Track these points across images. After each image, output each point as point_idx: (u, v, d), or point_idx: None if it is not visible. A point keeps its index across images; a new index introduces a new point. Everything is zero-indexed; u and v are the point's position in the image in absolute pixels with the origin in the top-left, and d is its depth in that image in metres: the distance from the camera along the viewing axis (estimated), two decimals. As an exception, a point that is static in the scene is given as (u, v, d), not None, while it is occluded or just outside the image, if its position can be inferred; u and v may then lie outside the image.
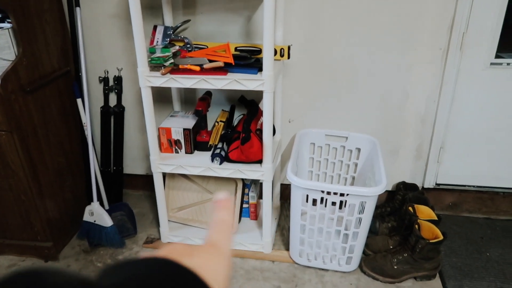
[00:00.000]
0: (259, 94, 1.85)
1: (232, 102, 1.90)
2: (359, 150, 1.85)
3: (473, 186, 1.90)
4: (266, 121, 1.49)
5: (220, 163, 1.62)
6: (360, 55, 1.72)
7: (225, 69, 1.48)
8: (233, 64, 1.48)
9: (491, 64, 1.66)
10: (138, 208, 2.10)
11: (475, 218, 1.95)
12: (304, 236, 1.61)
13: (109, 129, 2.00)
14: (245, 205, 1.90)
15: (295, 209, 1.56)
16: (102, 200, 1.92)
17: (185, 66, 1.50)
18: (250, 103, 1.80)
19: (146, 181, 2.16)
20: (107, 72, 1.93)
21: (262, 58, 1.57)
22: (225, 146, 1.69)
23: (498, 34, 1.62)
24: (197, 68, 1.48)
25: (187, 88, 1.56)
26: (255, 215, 1.91)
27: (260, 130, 1.63)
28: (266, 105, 1.46)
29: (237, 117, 1.86)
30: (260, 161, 1.60)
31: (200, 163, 1.65)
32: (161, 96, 1.95)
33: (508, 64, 1.66)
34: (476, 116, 1.76)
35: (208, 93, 1.79)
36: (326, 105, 1.84)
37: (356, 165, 1.88)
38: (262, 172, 1.59)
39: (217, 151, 1.65)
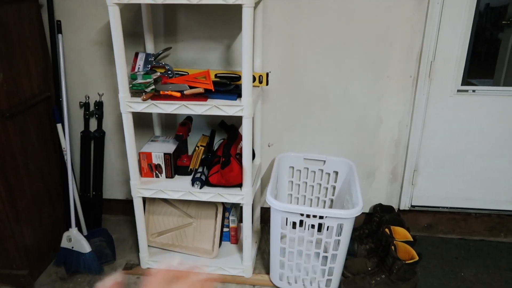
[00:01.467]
0: (239, 119, 1.89)
1: (213, 126, 1.94)
2: (336, 173, 1.90)
3: (447, 208, 1.96)
4: (246, 146, 1.53)
5: (201, 187, 1.64)
6: (334, 82, 1.79)
7: (205, 95, 1.52)
8: (213, 90, 1.53)
9: (458, 91, 1.75)
10: (118, 233, 2.08)
11: (449, 239, 2.01)
12: (284, 260, 1.62)
13: (89, 154, 2.00)
14: (225, 229, 1.91)
15: (274, 232, 1.58)
16: (80, 225, 1.90)
17: (166, 92, 1.54)
18: (230, 128, 1.84)
19: (125, 206, 2.15)
20: (88, 97, 1.94)
21: (241, 84, 1.62)
22: (205, 170, 1.71)
23: (463, 62, 1.72)
24: (178, 94, 1.52)
25: (168, 113, 1.59)
26: (236, 239, 1.92)
27: (240, 155, 1.66)
28: (245, 130, 1.50)
29: (217, 141, 1.90)
30: (240, 185, 1.63)
31: (180, 187, 1.66)
32: (142, 121, 1.97)
33: (473, 91, 1.76)
34: (446, 140, 1.84)
35: (189, 118, 1.83)
36: (304, 129, 1.89)
37: (334, 188, 1.93)
38: (242, 196, 1.61)
39: (198, 175, 1.67)
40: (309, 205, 1.99)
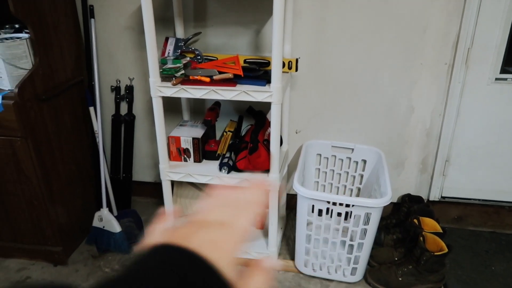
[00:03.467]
0: (267, 105, 1.89)
1: (241, 112, 1.94)
2: (365, 162, 1.87)
3: (478, 200, 1.91)
4: (274, 132, 1.52)
5: (228, 172, 1.66)
6: (364, 69, 1.75)
7: (235, 80, 1.52)
8: (242, 76, 1.52)
9: (496, 79, 1.68)
10: (146, 215, 2.13)
11: (480, 232, 1.95)
12: (310, 246, 1.62)
13: (119, 137, 2.05)
14: (251, 214, 1.93)
15: (300, 219, 1.58)
16: (111, 206, 1.96)
17: (196, 77, 1.54)
18: (258, 114, 1.83)
19: (154, 189, 2.19)
20: (119, 81, 1.98)
21: (270, 70, 1.61)
22: (233, 156, 1.72)
23: (504, 49, 1.65)
24: (207, 79, 1.52)
25: (197, 98, 1.60)
26: (262, 225, 1.94)
27: (268, 141, 1.66)
28: (273, 116, 1.49)
29: (245, 127, 1.90)
30: (267, 171, 1.63)
31: (208, 171, 1.68)
32: (171, 106, 1.99)
33: (513, 79, 1.68)
34: (481, 130, 1.78)
35: (217, 104, 1.83)
36: (332, 117, 1.87)
37: (361, 176, 1.90)
38: (269, 181, 1.61)
39: (225, 160, 1.68)
40: (336, 193, 1.98)
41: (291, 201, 2.08)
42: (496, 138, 1.78)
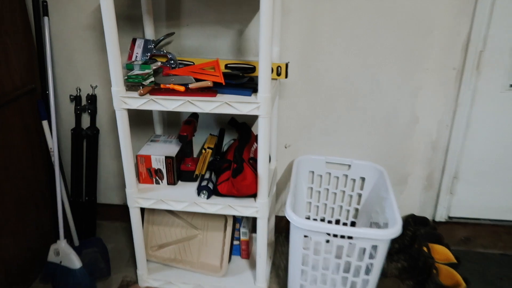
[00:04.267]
0: (252, 117, 1.65)
1: (222, 125, 1.69)
2: (363, 179, 1.65)
3: (489, 220, 1.71)
4: (262, 150, 1.28)
5: (208, 197, 1.40)
6: (362, 75, 1.54)
7: (214, 89, 1.28)
8: (224, 83, 1.28)
9: (511, 86, 1.49)
10: (114, 242, 1.86)
11: (490, 254, 1.76)
12: (305, 284, 1.39)
13: (81, 154, 1.77)
14: (235, 242, 1.68)
15: (294, 252, 1.35)
16: (71, 236, 1.68)
17: (168, 86, 1.29)
18: (242, 127, 1.59)
19: (122, 211, 1.92)
20: (80, 90, 1.70)
21: (256, 77, 1.38)
22: (213, 177, 1.47)
23: (518, 53, 1.46)
24: (182, 88, 1.27)
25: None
26: (247, 253, 1.69)
27: (254, 159, 1.42)
28: (261, 132, 1.25)
29: (227, 142, 1.65)
30: (254, 195, 1.39)
31: (184, 196, 1.42)
32: (140, 118, 1.73)
33: (529, 86, 1.50)
34: (493, 143, 1.58)
35: (194, 115, 1.58)
36: (326, 129, 1.64)
37: (360, 196, 1.68)
38: (256, 209, 1.37)
39: (204, 182, 1.43)
40: (331, 215, 1.75)
41: (279, 224, 1.84)
42: (510, 151, 1.59)
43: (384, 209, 1.43)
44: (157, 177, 1.49)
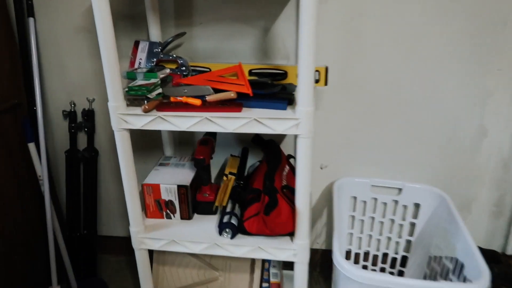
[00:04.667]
0: (280, 134, 1.37)
1: (244, 143, 1.41)
2: (417, 206, 1.36)
3: None
4: (301, 180, 0.99)
5: (232, 237, 1.12)
6: (416, 79, 1.25)
7: (239, 102, 1.00)
8: (251, 94, 1.00)
9: None
10: (117, 281, 1.58)
11: None
12: None
13: (77, 181, 1.49)
14: (264, 284, 1.39)
15: (345, 307, 1.05)
16: (67, 278, 1.40)
17: (180, 99, 1.01)
18: (268, 145, 1.31)
19: (128, 243, 1.64)
20: (74, 104, 1.43)
21: (289, 85, 1.10)
22: (237, 209, 1.19)
23: None
24: (198, 102, 0.99)
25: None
26: (277, 298, 1.40)
27: (289, 188, 1.13)
28: (301, 156, 0.97)
29: (251, 164, 1.37)
30: (290, 234, 1.10)
31: (202, 235, 1.14)
32: (146, 137, 1.45)
33: None
34: None
35: (212, 133, 1.30)
36: (372, 145, 1.35)
37: (413, 225, 1.38)
38: (293, 251, 1.08)
39: (227, 217, 1.15)
40: (376, 248, 1.45)
41: (313, 257, 1.54)
42: None
43: (451, 245, 1.13)
44: (168, 211, 1.21)
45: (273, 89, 1.04)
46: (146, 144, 1.47)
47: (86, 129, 1.45)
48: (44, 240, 1.43)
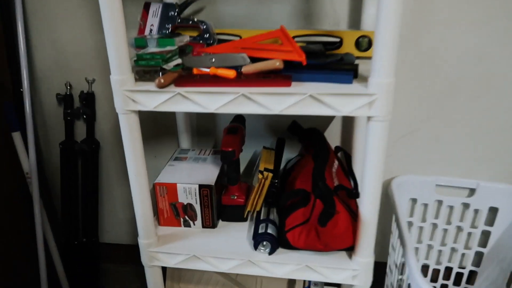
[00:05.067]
0: (322, 120, 1.11)
1: (278, 132, 1.15)
2: (494, 210, 1.09)
3: None
4: (372, 179, 0.74)
5: (271, 252, 0.86)
6: (502, 55, 0.98)
7: (287, 74, 0.74)
8: (304, 63, 0.74)
9: None
10: (124, 298, 1.34)
11: None
12: None
13: (75, 178, 1.25)
14: (302, 306, 1.14)
15: None
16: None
17: (206, 71, 0.76)
18: (311, 135, 1.05)
19: (136, 251, 1.39)
20: (70, 86, 1.18)
21: (347, 54, 0.84)
22: (275, 216, 0.94)
23: None
24: (231, 74, 0.74)
25: (210, 113, 0.81)
26: (319, 323, 1.14)
27: (344, 189, 0.87)
28: (373, 148, 0.71)
29: (287, 159, 1.12)
30: (349, 249, 0.85)
31: (231, 249, 0.89)
32: (158, 126, 1.20)
33: None
34: None
35: (240, 119, 1.04)
36: (438, 135, 1.09)
37: (487, 235, 1.12)
38: (353, 271, 0.83)
39: (262, 227, 0.89)
40: (436, 261, 1.19)
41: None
42: None
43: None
44: (186, 217, 0.96)
45: (332, 58, 0.78)
46: (156, 134, 1.21)
47: (84, 116, 1.20)
48: (35, 250, 1.19)
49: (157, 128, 1.20)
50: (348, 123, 1.10)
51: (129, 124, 0.77)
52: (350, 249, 0.85)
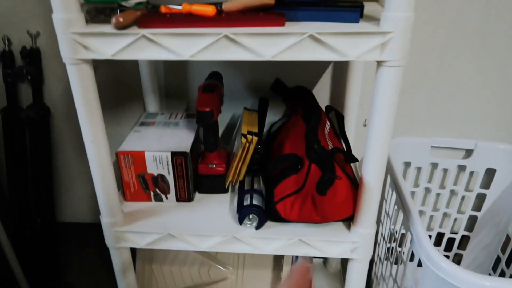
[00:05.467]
0: (306, 75, 0.99)
1: (260, 92, 1.02)
2: (492, 172, 1.03)
3: None
4: (378, 139, 0.63)
5: (258, 227, 0.75)
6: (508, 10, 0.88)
7: (279, 12, 0.60)
8: (300, -2, 0.60)
9: None
10: (90, 281, 1.20)
11: None
12: None
13: (22, 151, 1.07)
14: (288, 282, 1.04)
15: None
16: (16, 281, 1.01)
17: (176, 9, 0.61)
18: (298, 94, 0.93)
19: (100, 229, 1.25)
20: (8, 41, 0.98)
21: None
22: (261, 185, 0.82)
23: None
24: (210, 11, 0.59)
25: (183, 60, 0.66)
26: (308, 299, 1.06)
27: (342, 152, 0.76)
28: (384, 99, 0.59)
29: (271, 122, 0.99)
30: (348, 219, 0.74)
31: (211, 225, 0.77)
32: (120, 86, 1.03)
33: None
34: None
35: (216, 76, 0.90)
36: (437, 91, 0.99)
37: (482, 198, 1.06)
38: (352, 244, 0.73)
39: (247, 198, 0.78)
40: (427, 226, 1.13)
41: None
42: None
43: None
44: (157, 190, 0.82)
45: (330, -7, 0.65)
46: (118, 96, 1.05)
47: (29, 77, 1.01)
48: (-22, 236, 1.02)
49: (118, 89, 1.03)
50: (339, 78, 0.98)
51: (80, 78, 0.61)
52: (348, 220, 0.74)
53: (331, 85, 0.98)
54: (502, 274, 1.00)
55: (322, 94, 0.99)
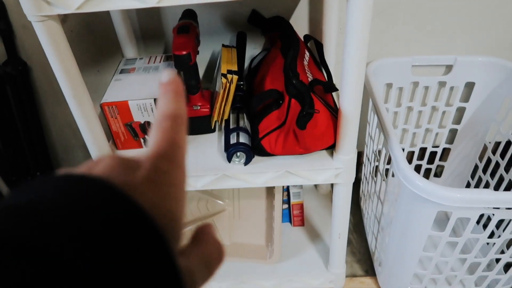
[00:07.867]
0: (289, 2, 0.96)
1: (236, 26, 1.00)
2: (471, 86, 1.05)
3: None
4: (353, 66, 0.63)
5: (247, 163, 0.79)
6: None
7: None
8: None
9: None
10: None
11: None
12: (426, 273, 0.86)
13: (8, 110, 1.07)
14: (284, 206, 1.12)
15: (416, 232, 0.79)
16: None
17: (136, -49, 0.58)
18: (274, 24, 0.91)
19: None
20: (-31, -5, 0.94)
21: None
22: (246, 123, 0.84)
23: None
24: (170, -49, 0.56)
25: (150, 8, 0.64)
26: (302, 219, 1.14)
27: (321, 83, 0.77)
28: (355, 23, 0.59)
29: (251, 56, 0.99)
30: (330, 147, 0.78)
31: (202, 164, 0.80)
32: (95, 34, 1.00)
33: None
34: None
35: (190, 14, 0.87)
36: (412, 11, 0.97)
37: (461, 111, 1.09)
38: (336, 170, 0.77)
39: (233, 136, 0.81)
40: (411, 143, 1.18)
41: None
42: None
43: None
44: (146, 137, 0.85)
45: None
46: (93, 43, 1.02)
47: (4, 32, 0.98)
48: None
49: (93, 36, 1.01)
50: (316, 4, 0.95)
51: (49, 35, 0.61)
52: (331, 148, 0.78)
53: (309, 13, 0.96)
54: (479, 181, 1.07)
55: (301, 22, 0.97)
